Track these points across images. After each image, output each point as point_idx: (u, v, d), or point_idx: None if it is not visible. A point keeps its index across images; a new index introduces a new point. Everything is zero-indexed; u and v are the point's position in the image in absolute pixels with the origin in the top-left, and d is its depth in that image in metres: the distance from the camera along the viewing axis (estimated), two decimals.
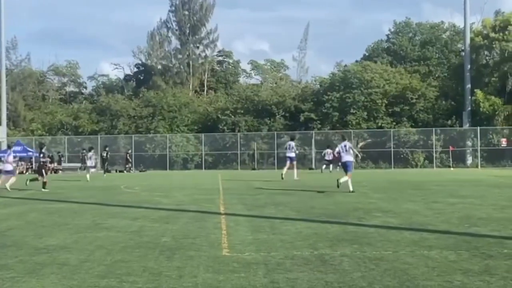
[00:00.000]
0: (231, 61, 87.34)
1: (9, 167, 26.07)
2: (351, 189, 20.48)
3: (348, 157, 21.40)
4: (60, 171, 53.35)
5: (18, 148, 56.96)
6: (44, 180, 25.38)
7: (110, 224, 12.20)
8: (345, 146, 21.48)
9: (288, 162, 30.69)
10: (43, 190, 24.48)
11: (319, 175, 38.19)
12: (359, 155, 38.07)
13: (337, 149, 21.98)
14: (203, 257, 8.16)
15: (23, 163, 57.60)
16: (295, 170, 30.37)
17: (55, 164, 52.20)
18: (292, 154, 30.50)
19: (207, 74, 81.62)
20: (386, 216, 13.09)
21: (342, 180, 20.73)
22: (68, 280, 6.88)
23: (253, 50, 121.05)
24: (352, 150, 21.91)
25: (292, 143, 31.28)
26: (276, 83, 78.45)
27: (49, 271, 7.48)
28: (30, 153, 57.89)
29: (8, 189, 24.70)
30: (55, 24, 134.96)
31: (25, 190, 25.08)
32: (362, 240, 9.46)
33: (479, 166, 53.90)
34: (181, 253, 8.54)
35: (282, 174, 30.14)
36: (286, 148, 31.65)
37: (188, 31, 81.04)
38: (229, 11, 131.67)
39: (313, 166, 55.95)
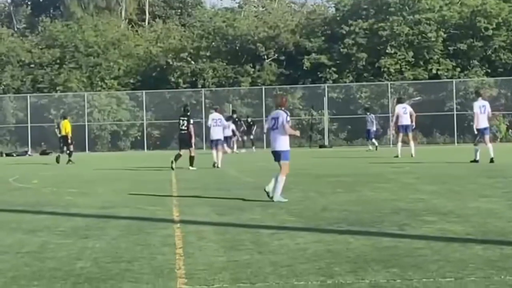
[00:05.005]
0: None
1: None
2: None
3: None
4: None
5: None
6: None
7: None
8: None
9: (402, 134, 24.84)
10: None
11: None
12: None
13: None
14: None
15: None
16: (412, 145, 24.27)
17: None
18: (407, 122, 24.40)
19: None
20: (444, 221, 9.99)
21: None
22: None
23: None
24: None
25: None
26: (264, 7, 59.47)
27: None
28: None
29: None
30: None
31: None
32: (405, 261, 7.23)
33: None
34: (109, 287, 6.56)
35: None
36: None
37: None
38: None
39: (326, 142, 40.80)
